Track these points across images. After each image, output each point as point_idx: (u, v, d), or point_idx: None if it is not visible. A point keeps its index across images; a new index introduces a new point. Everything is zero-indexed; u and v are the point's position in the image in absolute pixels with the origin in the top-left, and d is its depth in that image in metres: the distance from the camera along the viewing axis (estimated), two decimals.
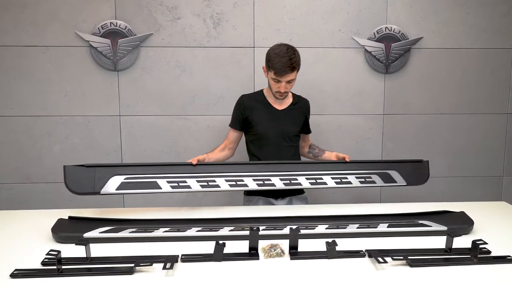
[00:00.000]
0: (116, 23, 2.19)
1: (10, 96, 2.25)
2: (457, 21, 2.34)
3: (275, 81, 1.64)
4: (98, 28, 2.19)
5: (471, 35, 2.35)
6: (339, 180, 1.62)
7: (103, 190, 1.47)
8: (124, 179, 1.49)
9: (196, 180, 1.52)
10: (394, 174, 1.67)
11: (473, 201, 1.84)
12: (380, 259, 1.12)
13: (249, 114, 1.77)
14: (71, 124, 2.30)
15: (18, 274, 1.07)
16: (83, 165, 1.48)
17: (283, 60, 1.57)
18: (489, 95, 2.43)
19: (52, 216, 1.43)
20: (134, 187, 1.48)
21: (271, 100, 1.78)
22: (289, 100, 1.80)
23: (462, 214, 1.46)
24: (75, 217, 1.41)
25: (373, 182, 1.65)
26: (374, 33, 2.29)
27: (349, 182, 1.63)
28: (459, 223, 1.39)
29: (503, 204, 1.76)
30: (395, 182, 1.66)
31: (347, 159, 1.68)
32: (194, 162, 1.55)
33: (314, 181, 1.60)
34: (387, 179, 1.66)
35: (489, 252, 1.21)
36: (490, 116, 2.46)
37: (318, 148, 1.93)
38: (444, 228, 1.35)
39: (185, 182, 1.51)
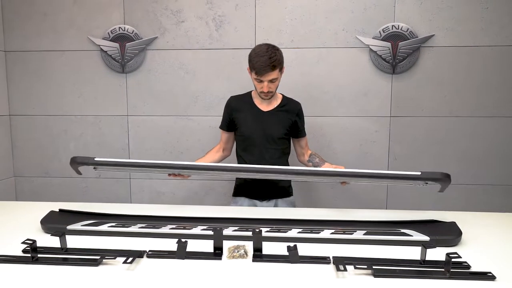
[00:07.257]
0: (124, 27, 2.31)
1: (32, 97, 2.46)
2: (474, 17, 2.17)
3: (258, 81, 1.63)
4: (108, 32, 2.32)
5: (490, 32, 2.17)
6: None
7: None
8: None
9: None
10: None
11: (485, 212, 1.69)
12: (340, 266, 1.07)
13: (235, 115, 1.78)
14: (84, 123, 2.46)
15: None
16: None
17: (262, 59, 1.57)
18: (510, 96, 2.23)
19: (49, 208, 1.54)
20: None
21: (257, 101, 1.78)
22: (276, 102, 1.78)
23: (452, 225, 1.36)
24: (64, 210, 1.51)
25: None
26: (380, 31, 2.19)
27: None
28: (445, 234, 1.29)
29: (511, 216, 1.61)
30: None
31: (343, 185, 1.49)
32: (173, 177, 1.57)
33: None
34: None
35: (468, 267, 1.11)
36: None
37: (319, 157, 1.77)
38: (426, 238, 1.26)
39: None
